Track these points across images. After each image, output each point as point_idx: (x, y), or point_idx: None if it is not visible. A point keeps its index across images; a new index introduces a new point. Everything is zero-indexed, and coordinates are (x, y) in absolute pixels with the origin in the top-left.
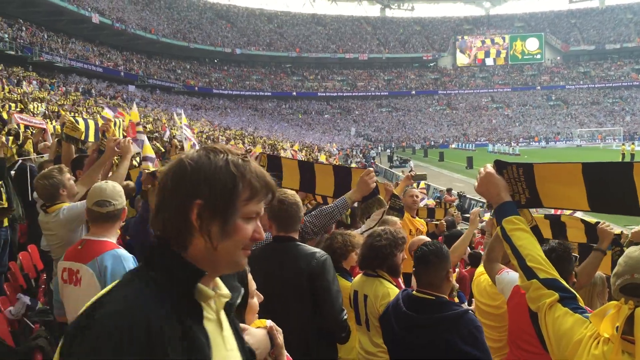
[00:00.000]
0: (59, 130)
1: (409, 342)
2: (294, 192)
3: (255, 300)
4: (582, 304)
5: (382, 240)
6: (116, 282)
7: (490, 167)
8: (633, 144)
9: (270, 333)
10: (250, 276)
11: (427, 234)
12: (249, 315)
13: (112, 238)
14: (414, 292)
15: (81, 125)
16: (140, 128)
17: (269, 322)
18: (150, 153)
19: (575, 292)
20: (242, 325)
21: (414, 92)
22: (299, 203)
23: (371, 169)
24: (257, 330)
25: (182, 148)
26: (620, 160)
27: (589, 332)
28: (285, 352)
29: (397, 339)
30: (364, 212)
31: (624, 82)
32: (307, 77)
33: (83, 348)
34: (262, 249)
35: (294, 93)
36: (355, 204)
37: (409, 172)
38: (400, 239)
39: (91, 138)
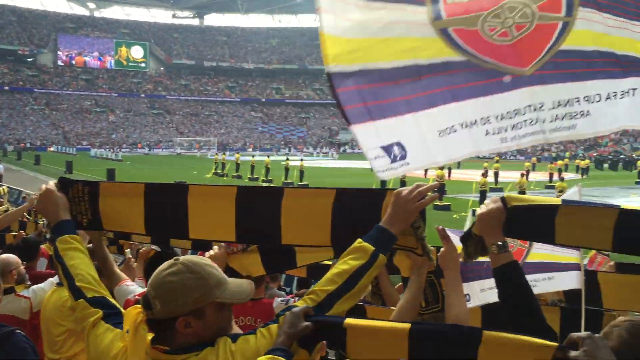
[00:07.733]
0: None
1: None
2: None
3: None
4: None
5: None
6: None
7: (52, 185)
8: (224, 154)
9: None
10: None
11: None
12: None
13: None
14: None
15: None
16: None
17: None
18: None
19: (121, 309)
20: None
21: (7, 87)
22: None
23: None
24: None
25: None
26: (213, 168)
27: (123, 344)
28: None
29: None
30: None
31: (219, 97)
32: None
33: None
34: None
35: None
36: None
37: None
38: None
39: None
